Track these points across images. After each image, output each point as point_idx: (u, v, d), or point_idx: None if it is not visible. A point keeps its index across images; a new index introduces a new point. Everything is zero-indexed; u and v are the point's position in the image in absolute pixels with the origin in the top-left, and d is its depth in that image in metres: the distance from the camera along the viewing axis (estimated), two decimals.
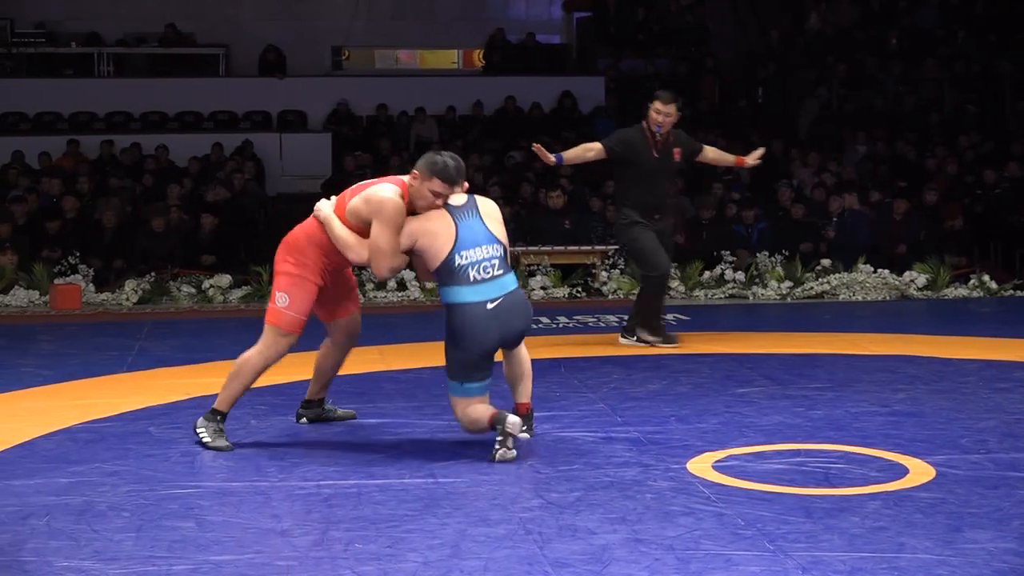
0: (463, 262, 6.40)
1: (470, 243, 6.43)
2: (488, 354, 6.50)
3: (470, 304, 6.39)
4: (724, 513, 5.40)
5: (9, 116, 20.06)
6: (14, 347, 10.64)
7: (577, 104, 20.44)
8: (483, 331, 6.41)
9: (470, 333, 6.41)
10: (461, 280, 6.39)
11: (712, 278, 13.92)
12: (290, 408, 7.71)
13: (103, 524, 5.37)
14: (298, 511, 5.55)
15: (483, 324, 6.40)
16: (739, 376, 8.72)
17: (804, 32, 22.03)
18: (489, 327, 6.42)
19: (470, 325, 6.40)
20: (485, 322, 6.40)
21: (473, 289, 6.40)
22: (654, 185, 10.06)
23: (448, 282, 6.42)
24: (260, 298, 13.39)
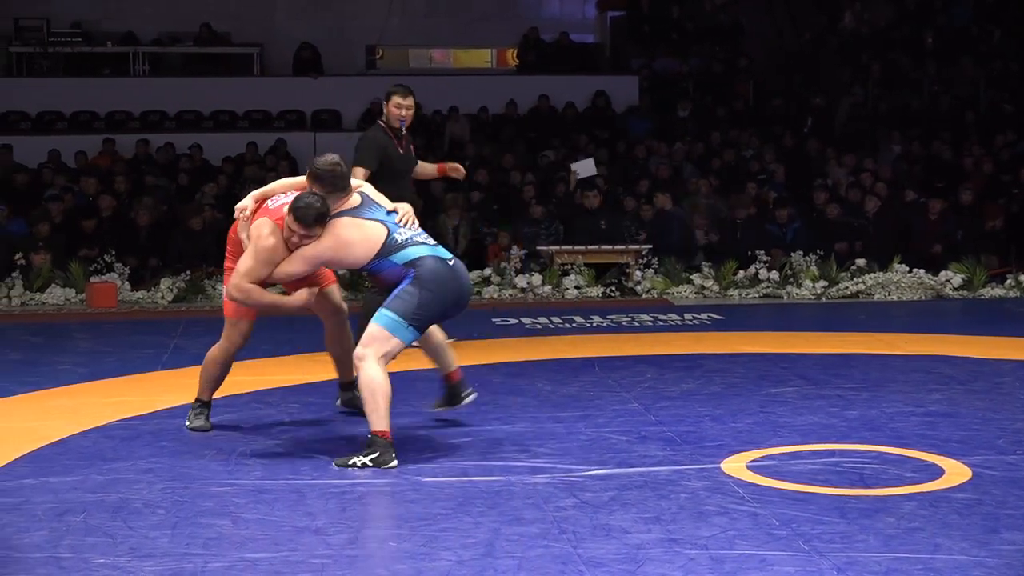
0: (404, 237, 6.59)
1: (397, 225, 6.63)
2: (447, 307, 6.61)
3: (433, 257, 6.58)
4: (759, 513, 5.39)
5: (46, 115, 20.15)
6: (51, 345, 10.69)
7: (611, 103, 20.41)
8: (448, 280, 6.56)
9: (441, 279, 6.54)
10: (414, 245, 6.59)
11: (746, 277, 13.88)
12: (324, 407, 7.74)
13: (139, 521, 5.40)
14: (332, 509, 5.56)
15: (448, 275, 6.57)
16: (773, 376, 8.70)
17: (839, 31, 21.94)
18: (452, 279, 6.60)
19: (440, 273, 6.55)
20: (449, 274, 6.59)
21: (430, 248, 6.63)
22: (402, 183, 9.56)
23: (400, 250, 6.55)
24: None
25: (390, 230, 6.58)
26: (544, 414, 7.47)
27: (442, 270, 6.57)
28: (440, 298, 6.55)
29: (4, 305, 13.21)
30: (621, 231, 14.80)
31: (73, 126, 20.07)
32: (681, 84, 21.40)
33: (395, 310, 6.47)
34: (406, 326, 6.47)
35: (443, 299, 6.57)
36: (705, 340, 10.55)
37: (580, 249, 14.16)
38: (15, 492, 5.88)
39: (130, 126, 19.98)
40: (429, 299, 6.50)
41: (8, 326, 11.92)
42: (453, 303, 6.66)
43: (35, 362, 9.71)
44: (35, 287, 13.44)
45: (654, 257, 14.10)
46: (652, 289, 13.80)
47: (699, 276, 13.89)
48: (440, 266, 6.58)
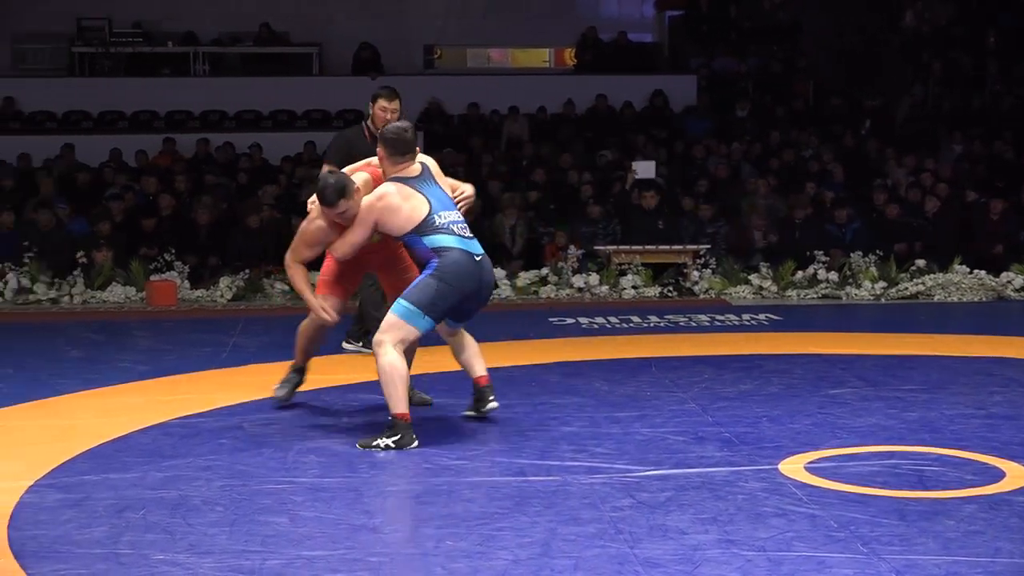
0: (443, 221, 6.88)
1: (442, 206, 6.94)
2: (463, 299, 6.87)
3: (460, 250, 6.85)
4: (817, 515, 5.36)
5: (107, 114, 20.32)
6: (111, 342, 10.78)
7: (668, 103, 20.36)
8: (468, 275, 6.84)
9: (461, 272, 6.82)
10: (447, 232, 6.87)
11: (805, 278, 13.81)
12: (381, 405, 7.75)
13: (197, 518, 5.43)
14: (390, 508, 5.58)
15: (470, 270, 6.85)
16: (832, 377, 8.65)
17: (899, 30, 21.78)
18: (473, 274, 6.87)
19: (462, 265, 6.83)
20: (472, 269, 6.86)
21: (461, 240, 6.89)
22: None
23: (433, 233, 6.84)
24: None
25: (432, 209, 6.87)
26: (601, 414, 7.46)
27: (465, 263, 6.85)
28: (457, 291, 6.82)
29: (66, 303, 13.33)
30: (679, 231, 14.77)
31: (134, 125, 20.23)
32: (740, 83, 21.31)
33: (412, 300, 6.78)
34: (422, 315, 6.77)
35: (461, 292, 6.84)
36: (763, 341, 10.51)
37: (637, 249, 14.13)
38: (76, 488, 5.93)
39: (190, 125, 20.11)
40: (446, 291, 6.79)
41: (70, 324, 12.03)
42: (470, 297, 6.92)
43: (96, 359, 9.80)
44: (96, 285, 13.55)
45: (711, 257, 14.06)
46: (710, 289, 13.76)
47: (757, 276, 13.83)
48: (464, 259, 6.85)
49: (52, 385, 8.63)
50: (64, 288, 13.46)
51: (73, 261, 13.68)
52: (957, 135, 18.66)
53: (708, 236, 14.92)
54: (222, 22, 22.20)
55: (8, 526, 5.34)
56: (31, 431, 7.26)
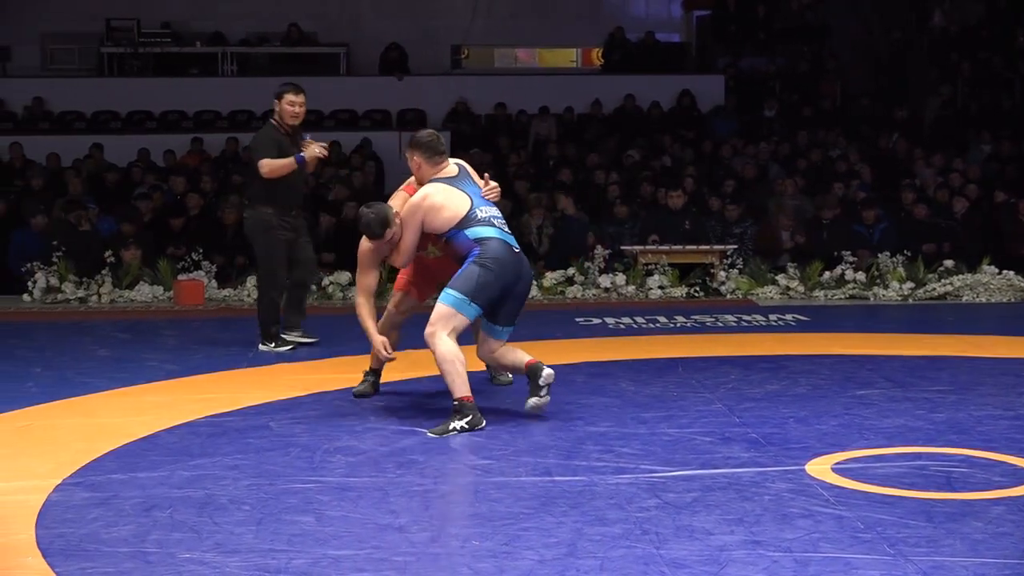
0: (484, 215, 7.27)
1: (482, 202, 7.35)
2: (504, 290, 7.17)
3: (500, 240, 7.21)
4: (843, 516, 5.35)
5: (135, 114, 20.41)
6: (139, 342, 10.81)
7: (696, 103, 20.34)
8: (509, 264, 7.18)
9: (501, 259, 7.15)
10: (488, 225, 7.24)
11: (832, 278, 13.77)
12: (408, 405, 7.78)
13: (224, 517, 5.45)
14: (415, 507, 5.58)
15: (510, 259, 7.20)
16: (859, 378, 8.62)
17: (928, 30, 21.71)
18: (513, 264, 7.21)
19: (502, 254, 7.17)
20: (512, 259, 7.21)
21: (500, 232, 7.26)
22: (295, 182, 9.88)
23: (475, 225, 7.21)
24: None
25: (473, 204, 7.27)
26: (627, 414, 7.45)
27: (506, 254, 7.19)
28: (500, 279, 7.13)
29: (94, 302, 13.38)
30: (706, 231, 14.75)
31: (162, 125, 20.32)
32: (767, 83, 21.28)
33: (458, 289, 7.10)
34: (468, 303, 7.09)
35: (503, 281, 7.15)
36: (790, 341, 10.48)
37: (664, 249, 14.12)
38: (103, 487, 5.96)
39: (218, 125, 20.18)
40: (490, 279, 7.10)
41: (98, 323, 12.08)
42: (510, 288, 7.20)
43: (123, 358, 9.83)
44: (124, 285, 13.60)
45: (738, 257, 14.03)
46: (737, 290, 13.73)
47: (784, 277, 13.79)
48: (504, 249, 7.20)
49: (80, 384, 8.67)
50: (92, 287, 13.51)
51: (101, 260, 13.73)
52: (986, 135, 18.59)
53: (735, 236, 14.90)
54: (250, 22, 22.28)
55: (36, 525, 5.36)
56: (59, 430, 7.29)
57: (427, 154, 7.44)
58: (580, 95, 20.42)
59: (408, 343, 8.57)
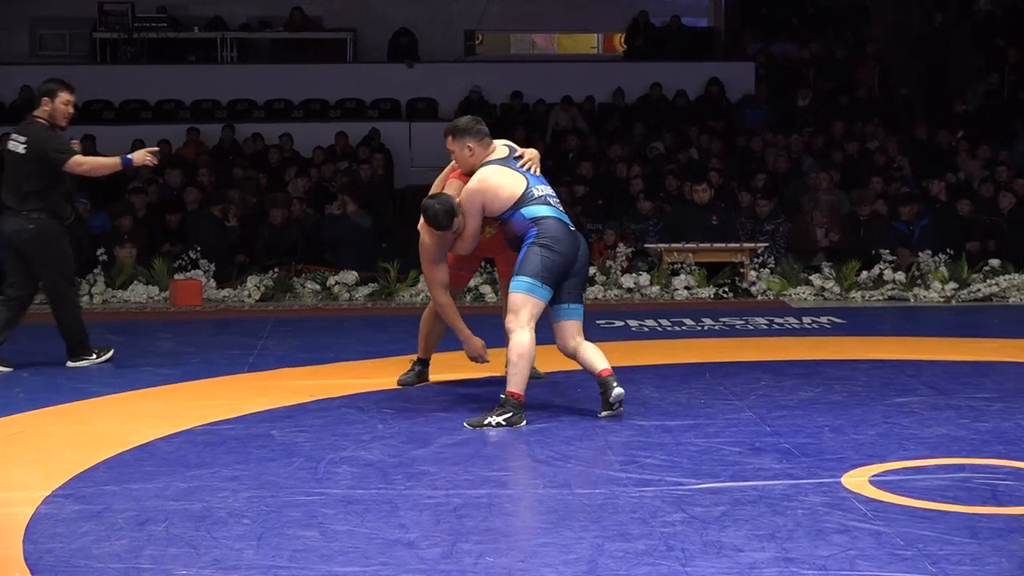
0: (540, 194, 7.65)
1: (537, 181, 7.74)
2: (566, 266, 7.51)
3: (556, 219, 7.58)
4: (882, 532, 5.34)
5: (130, 103, 20.45)
6: (133, 345, 10.83)
7: (725, 91, 20.32)
8: (567, 242, 7.52)
9: (560, 237, 7.50)
10: (544, 203, 7.61)
11: (870, 279, 13.76)
12: (418, 413, 7.78)
13: (223, 531, 5.45)
14: (426, 521, 5.58)
15: (568, 238, 7.55)
16: (899, 384, 8.61)
17: (972, 14, 21.66)
18: (571, 241, 7.56)
19: (559, 233, 7.52)
20: (569, 236, 7.57)
21: (556, 211, 7.64)
22: (64, 183, 9.68)
23: (531, 204, 7.58)
24: (387, 296, 13.51)
25: (529, 183, 7.65)
26: (651, 423, 7.45)
27: (563, 231, 7.52)
28: (562, 257, 7.47)
29: (85, 303, 13.38)
30: (735, 228, 14.73)
31: (158, 115, 20.36)
32: (801, 71, 21.26)
33: (526, 273, 7.43)
34: (540, 285, 7.42)
35: (565, 259, 7.48)
36: (825, 345, 10.47)
37: (691, 247, 14.11)
38: (95, 499, 5.97)
39: (217, 115, 20.22)
40: (553, 256, 7.45)
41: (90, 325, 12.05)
42: (571, 265, 7.53)
43: (116, 363, 9.84)
44: (117, 284, 13.63)
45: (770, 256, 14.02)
46: (768, 290, 13.72)
47: (819, 277, 13.78)
48: (561, 228, 7.53)
49: (71, 390, 8.69)
50: (83, 287, 13.53)
51: (93, 258, 13.75)
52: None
53: (766, 234, 14.89)
54: (251, 6, 22.31)
55: (24, 539, 5.37)
56: (48, 438, 7.31)
57: (477, 138, 7.78)
58: (601, 83, 20.42)
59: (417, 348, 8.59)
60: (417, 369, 8.68)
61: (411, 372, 8.67)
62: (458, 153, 7.84)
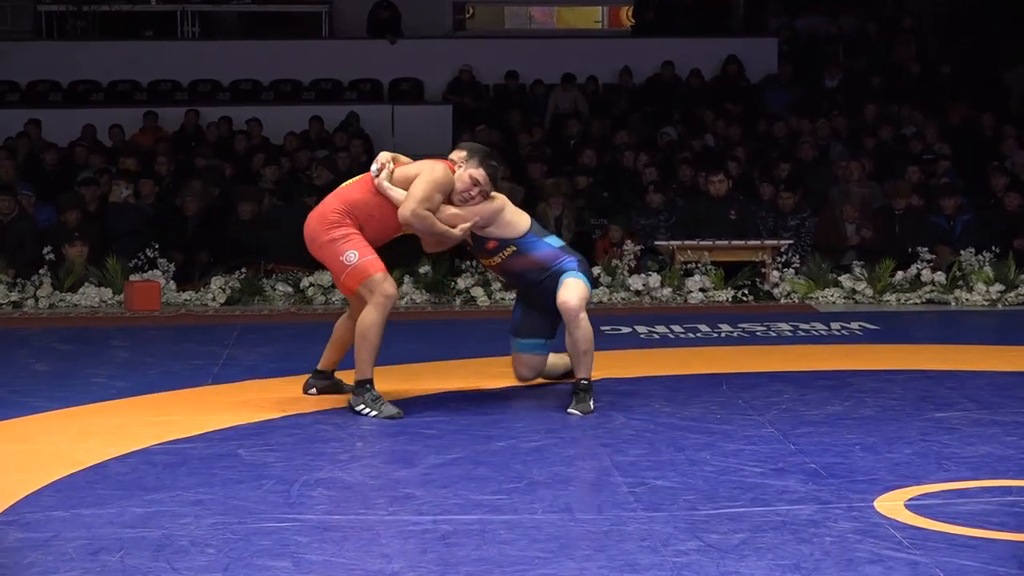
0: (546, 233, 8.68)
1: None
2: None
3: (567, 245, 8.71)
4: (919, 562, 5.35)
5: (79, 85, 20.44)
6: (84, 353, 10.84)
7: (744, 71, 20.34)
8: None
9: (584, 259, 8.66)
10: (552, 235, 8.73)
11: (906, 279, 13.77)
12: (402, 429, 7.79)
13: (184, 561, 5.46)
14: (411, 550, 5.59)
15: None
16: (938, 397, 8.63)
17: None
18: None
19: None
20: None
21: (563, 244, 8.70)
22: None
23: (550, 235, 8.67)
24: None
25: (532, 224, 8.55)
26: (662, 440, 7.47)
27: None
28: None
29: (30, 307, 13.41)
30: (755, 224, 14.74)
31: (111, 98, 20.35)
32: (829, 48, 21.26)
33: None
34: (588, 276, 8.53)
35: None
36: (856, 354, 10.49)
37: (707, 245, 14.12)
38: (42, 526, 5.97)
39: (177, 98, 20.22)
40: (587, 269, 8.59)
41: (35, 331, 12.11)
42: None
43: (66, 374, 9.85)
44: (66, 286, 13.62)
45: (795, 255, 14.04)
46: (793, 293, 13.73)
47: (849, 278, 13.79)
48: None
49: (13, 403, 8.69)
50: (28, 290, 13.54)
51: (39, 257, 13.74)
52: None
53: (791, 230, 14.90)
54: None
55: None
56: None
57: (487, 189, 8.31)
58: (606, 62, 20.42)
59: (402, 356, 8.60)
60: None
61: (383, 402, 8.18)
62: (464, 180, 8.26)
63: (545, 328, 8.72)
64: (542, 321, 8.67)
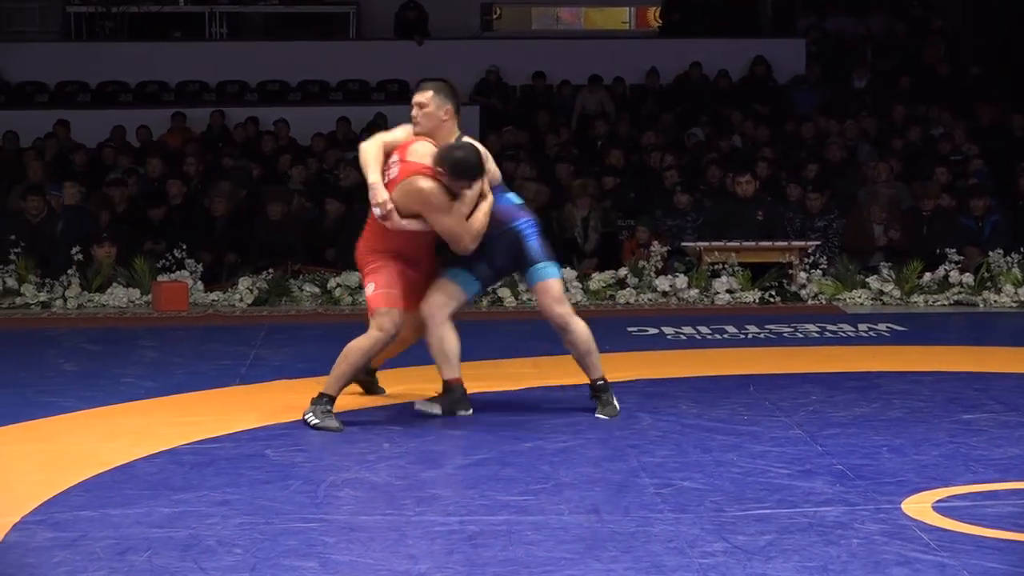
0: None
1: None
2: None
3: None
4: (947, 564, 5.34)
5: (108, 85, 20.49)
6: (112, 354, 10.86)
7: (772, 71, 20.31)
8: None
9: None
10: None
11: (934, 281, 13.74)
12: (428, 430, 7.79)
13: (212, 561, 5.47)
14: (438, 551, 5.59)
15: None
16: (966, 399, 8.60)
17: None
18: None
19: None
20: None
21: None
22: None
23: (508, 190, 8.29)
24: None
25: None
26: (689, 442, 7.46)
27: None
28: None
29: (59, 307, 13.44)
30: (782, 225, 14.72)
31: (139, 98, 20.40)
32: (857, 48, 21.22)
33: (547, 257, 8.12)
34: (558, 267, 8.31)
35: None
36: (883, 356, 10.46)
37: (734, 246, 14.10)
38: (70, 525, 5.99)
39: (205, 98, 20.25)
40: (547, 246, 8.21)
41: (63, 332, 12.13)
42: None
43: (94, 374, 9.88)
44: (94, 287, 13.65)
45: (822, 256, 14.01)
46: (820, 294, 13.71)
47: (877, 279, 13.76)
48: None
49: (42, 404, 8.71)
50: (57, 290, 13.57)
51: (68, 258, 13.77)
52: None
53: (818, 231, 14.87)
54: None
55: None
56: (17, 458, 7.34)
57: (456, 109, 8.19)
58: (634, 62, 20.41)
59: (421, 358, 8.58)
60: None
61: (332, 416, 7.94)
62: (432, 111, 8.01)
63: (482, 271, 8.25)
64: (481, 268, 8.20)
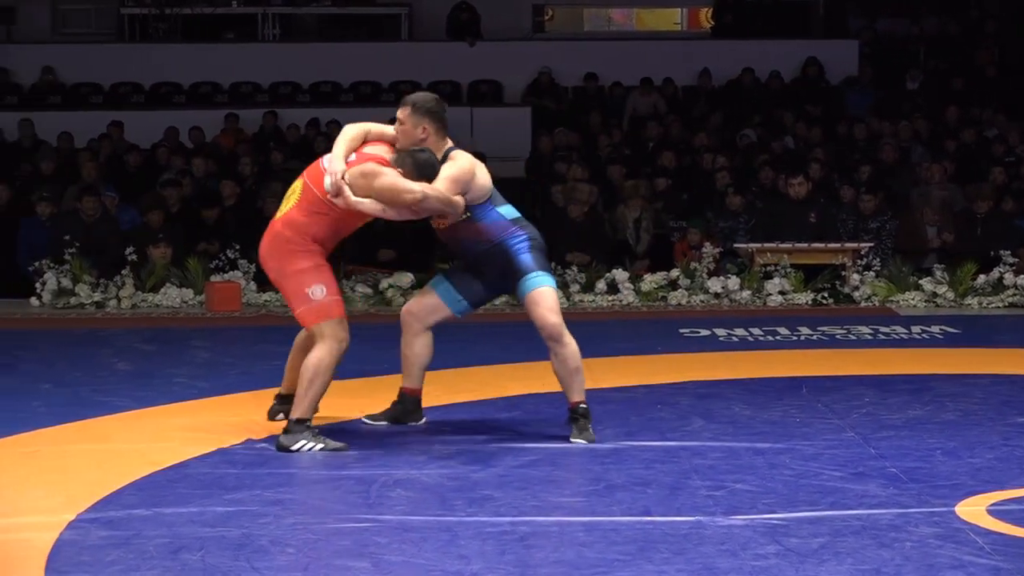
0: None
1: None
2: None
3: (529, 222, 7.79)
4: (1001, 568, 5.30)
5: (162, 87, 20.58)
6: (165, 354, 10.91)
7: (824, 73, 20.23)
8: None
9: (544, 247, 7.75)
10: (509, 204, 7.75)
11: (988, 283, 13.67)
12: (479, 431, 7.79)
13: (264, 561, 5.48)
14: (489, 552, 5.59)
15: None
16: (1020, 402, 8.56)
17: None
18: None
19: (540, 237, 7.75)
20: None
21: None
22: None
23: (504, 205, 7.72)
24: None
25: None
26: (741, 444, 7.44)
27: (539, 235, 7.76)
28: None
29: (113, 307, 13.51)
30: (835, 226, 14.67)
31: (192, 99, 20.46)
32: (910, 49, 21.12)
33: (536, 268, 7.56)
34: (551, 277, 7.71)
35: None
36: (937, 358, 10.42)
37: (786, 247, 14.06)
38: (124, 524, 6.01)
39: (258, 99, 20.30)
40: (541, 250, 7.66)
41: (117, 332, 12.19)
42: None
43: (147, 374, 9.93)
44: (148, 287, 13.71)
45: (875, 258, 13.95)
46: (873, 296, 13.66)
47: (930, 281, 13.71)
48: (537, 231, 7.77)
49: (95, 403, 8.76)
50: (111, 290, 13.64)
51: (122, 258, 13.84)
52: None
53: (871, 232, 14.81)
54: None
55: (46, 568, 5.41)
56: (72, 457, 7.37)
57: (438, 125, 7.75)
58: (686, 64, 20.36)
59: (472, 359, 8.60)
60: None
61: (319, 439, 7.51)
62: (409, 129, 7.72)
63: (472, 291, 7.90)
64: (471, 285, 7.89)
